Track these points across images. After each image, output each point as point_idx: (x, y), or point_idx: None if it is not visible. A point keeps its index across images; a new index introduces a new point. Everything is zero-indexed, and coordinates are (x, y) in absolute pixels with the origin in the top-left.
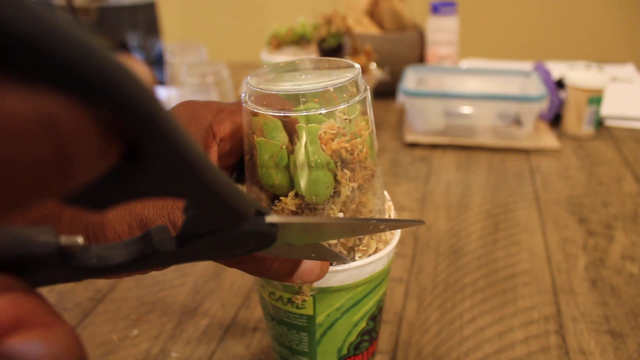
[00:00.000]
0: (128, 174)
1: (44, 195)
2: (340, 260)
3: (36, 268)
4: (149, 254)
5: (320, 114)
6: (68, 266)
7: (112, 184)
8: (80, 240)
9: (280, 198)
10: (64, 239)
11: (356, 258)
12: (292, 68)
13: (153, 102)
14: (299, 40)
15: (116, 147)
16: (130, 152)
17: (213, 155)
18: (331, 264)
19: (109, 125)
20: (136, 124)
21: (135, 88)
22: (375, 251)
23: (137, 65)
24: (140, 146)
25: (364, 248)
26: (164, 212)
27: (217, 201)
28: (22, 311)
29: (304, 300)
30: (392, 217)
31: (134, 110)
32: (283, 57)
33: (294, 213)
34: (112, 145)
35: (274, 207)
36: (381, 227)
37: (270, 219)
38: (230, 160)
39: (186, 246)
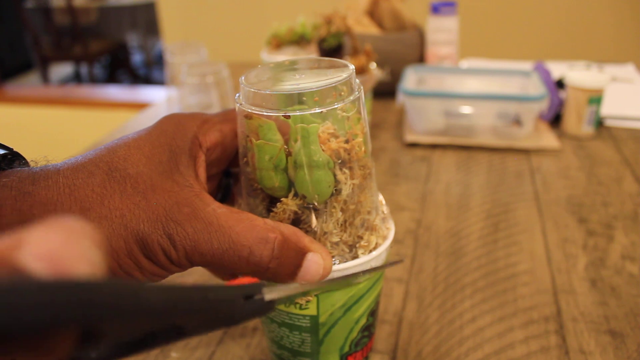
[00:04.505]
0: (94, 344)
1: None
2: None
3: None
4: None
5: (313, 113)
6: None
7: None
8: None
9: (282, 199)
10: None
11: (359, 254)
12: (285, 68)
13: (97, 299)
14: (299, 40)
15: (69, 340)
16: (87, 335)
17: (201, 165)
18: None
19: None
20: (87, 324)
21: (71, 301)
22: (375, 246)
23: (75, 238)
24: (99, 330)
25: (365, 244)
26: (159, 225)
27: (202, 316)
28: None
29: (307, 301)
30: (385, 211)
31: (81, 317)
32: (283, 57)
33: (295, 214)
34: (64, 342)
35: (274, 210)
36: (365, 274)
37: (269, 296)
38: (219, 167)
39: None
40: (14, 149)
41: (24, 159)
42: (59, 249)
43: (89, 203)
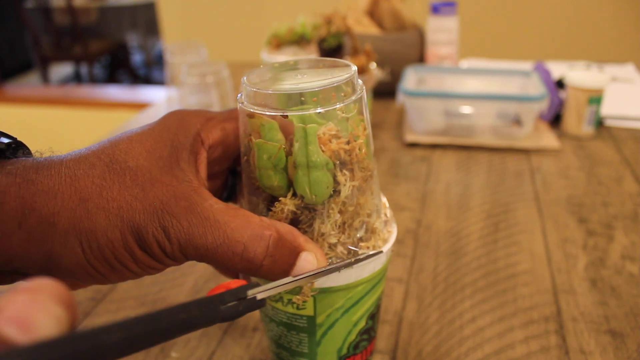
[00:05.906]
0: None
1: None
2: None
3: None
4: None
5: (316, 113)
6: None
7: None
8: None
9: (280, 199)
10: None
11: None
12: (288, 68)
13: (58, 355)
14: (299, 40)
15: None
16: None
17: (202, 162)
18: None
19: None
20: None
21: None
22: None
23: (43, 299)
24: None
25: (365, 247)
26: (154, 218)
27: (178, 332)
28: None
29: (304, 301)
30: (388, 215)
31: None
32: (283, 57)
33: (293, 213)
34: None
35: (272, 209)
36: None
37: (260, 295)
38: (222, 165)
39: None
40: (18, 139)
41: (27, 148)
42: (25, 310)
43: (87, 194)
